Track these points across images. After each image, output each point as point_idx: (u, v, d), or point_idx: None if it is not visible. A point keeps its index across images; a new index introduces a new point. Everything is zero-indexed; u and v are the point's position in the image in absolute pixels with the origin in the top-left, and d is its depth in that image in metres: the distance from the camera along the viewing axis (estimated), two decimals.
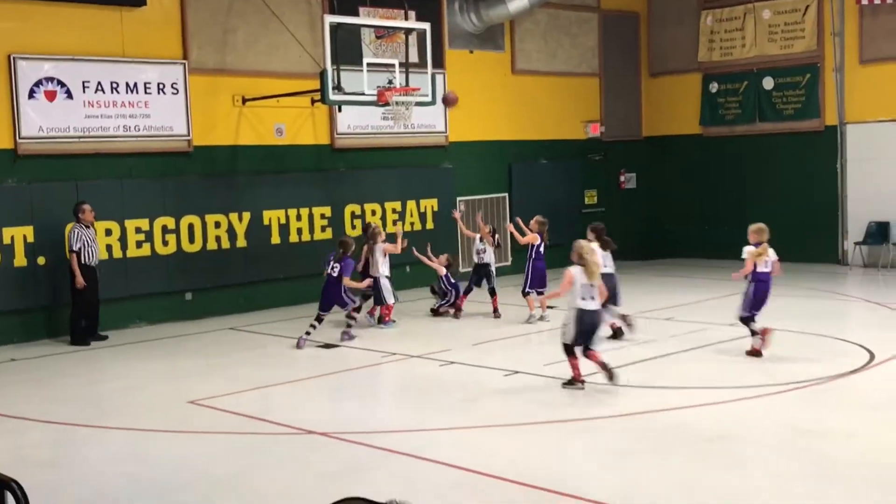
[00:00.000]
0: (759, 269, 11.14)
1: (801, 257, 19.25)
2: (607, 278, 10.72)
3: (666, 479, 7.01)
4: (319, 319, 12.78)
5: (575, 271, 9.58)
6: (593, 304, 9.61)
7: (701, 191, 21.08)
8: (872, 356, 10.72)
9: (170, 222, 14.81)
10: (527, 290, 13.85)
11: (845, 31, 18.97)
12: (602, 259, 10.82)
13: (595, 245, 10.91)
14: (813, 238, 19.53)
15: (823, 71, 19.31)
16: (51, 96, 13.68)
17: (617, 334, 12.14)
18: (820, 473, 7.01)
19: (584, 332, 9.61)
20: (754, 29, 20.15)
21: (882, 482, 6.80)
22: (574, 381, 9.72)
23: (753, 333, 10.95)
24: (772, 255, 11.24)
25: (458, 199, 18.51)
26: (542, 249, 14.02)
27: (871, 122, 18.78)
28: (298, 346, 12.48)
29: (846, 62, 19.04)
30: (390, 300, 13.65)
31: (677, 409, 8.85)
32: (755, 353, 10.91)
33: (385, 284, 13.57)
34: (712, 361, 10.97)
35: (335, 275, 12.74)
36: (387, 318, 13.75)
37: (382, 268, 13.61)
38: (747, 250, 11.25)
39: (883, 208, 18.53)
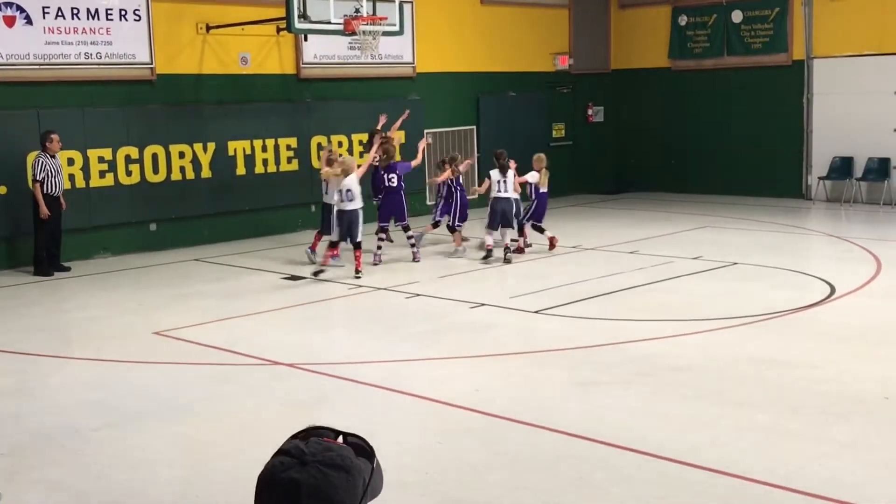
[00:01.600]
0: (541, 190, 13.66)
1: (765, 192, 19.43)
2: (504, 202, 13.12)
3: (628, 410, 7.12)
4: (385, 231, 13.32)
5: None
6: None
7: (668, 125, 21.10)
8: (833, 289, 10.88)
9: (133, 152, 14.61)
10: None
11: None
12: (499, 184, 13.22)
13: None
14: (778, 172, 19.66)
15: (792, 4, 19.25)
16: (10, 21, 13.34)
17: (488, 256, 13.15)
18: (782, 404, 7.15)
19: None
20: None
21: (844, 413, 6.95)
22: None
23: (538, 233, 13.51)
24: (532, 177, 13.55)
25: (426, 131, 18.38)
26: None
27: (838, 56, 18.80)
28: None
29: None
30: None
31: (641, 341, 8.96)
32: (520, 251, 13.49)
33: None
34: (676, 293, 11.09)
35: (395, 185, 13.14)
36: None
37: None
38: (533, 175, 13.58)
39: (847, 143, 18.65)
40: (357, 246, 12.29)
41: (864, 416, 6.87)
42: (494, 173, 13.40)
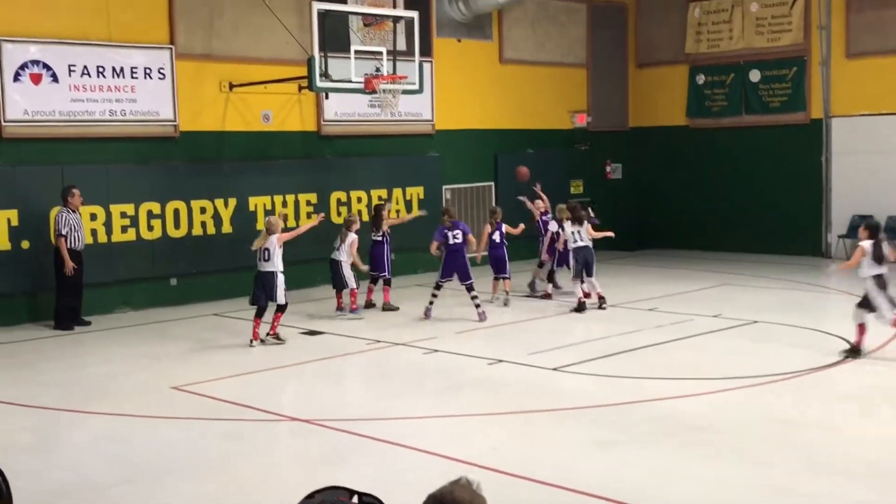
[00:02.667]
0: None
1: (784, 250, 19.38)
2: (586, 250, 13.72)
3: (649, 470, 7.06)
4: (439, 287, 13.40)
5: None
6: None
7: (686, 182, 21.15)
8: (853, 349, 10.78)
9: (155, 207, 14.77)
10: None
11: (832, 24, 19.04)
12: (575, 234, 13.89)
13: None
14: (797, 231, 19.64)
15: (810, 64, 19.38)
16: (36, 79, 13.61)
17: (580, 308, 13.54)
18: (801, 464, 7.07)
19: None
20: (742, 21, 20.20)
21: (864, 475, 6.87)
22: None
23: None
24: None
25: (445, 187, 18.53)
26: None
27: (856, 115, 18.87)
28: (425, 317, 13.19)
29: (832, 56, 19.10)
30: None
31: (660, 400, 8.91)
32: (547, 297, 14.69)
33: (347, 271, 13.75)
34: (695, 352, 11.04)
35: (459, 241, 13.31)
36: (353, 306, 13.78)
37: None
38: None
39: (866, 202, 18.62)
40: (280, 308, 12.08)
41: (883, 478, 6.79)
42: (568, 225, 13.98)
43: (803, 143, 19.49)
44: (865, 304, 10.48)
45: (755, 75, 20.11)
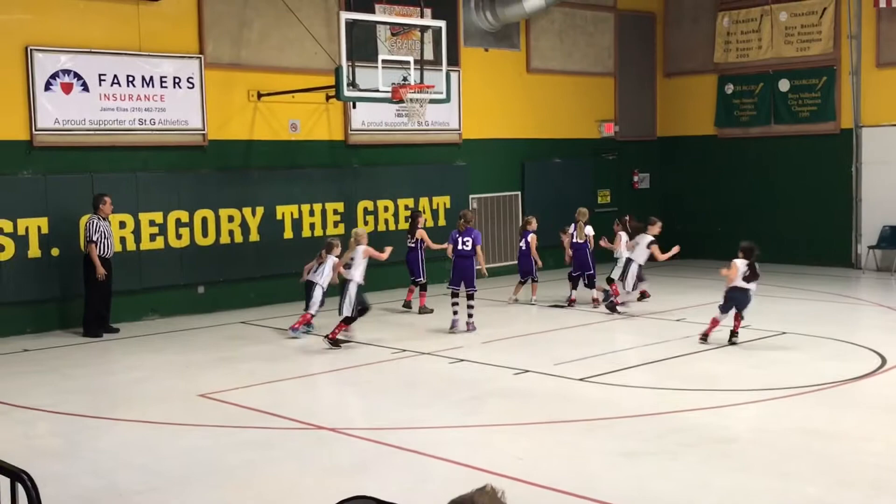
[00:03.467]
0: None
1: (814, 261, 19.22)
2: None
3: (676, 482, 7.00)
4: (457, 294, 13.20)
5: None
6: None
7: (714, 192, 21.03)
8: (884, 360, 10.68)
9: (183, 216, 14.87)
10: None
11: (862, 34, 18.89)
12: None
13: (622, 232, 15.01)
14: (826, 241, 19.46)
15: (840, 74, 19.23)
16: (67, 89, 13.74)
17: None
18: (833, 477, 6.99)
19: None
20: (770, 31, 20.08)
21: (894, 486, 6.78)
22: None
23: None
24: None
25: (471, 196, 18.52)
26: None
27: (886, 125, 18.69)
28: (455, 328, 12.98)
29: (862, 65, 18.95)
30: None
31: (689, 411, 8.84)
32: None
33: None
34: (724, 363, 10.95)
35: (468, 249, 13.14)
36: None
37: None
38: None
39: None
40: (346, 320, 12.17)
41: None
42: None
43: (833, 153, 19.33)
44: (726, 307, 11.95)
45: (784, 85, 19.98)
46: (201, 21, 14.99)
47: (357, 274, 12.21)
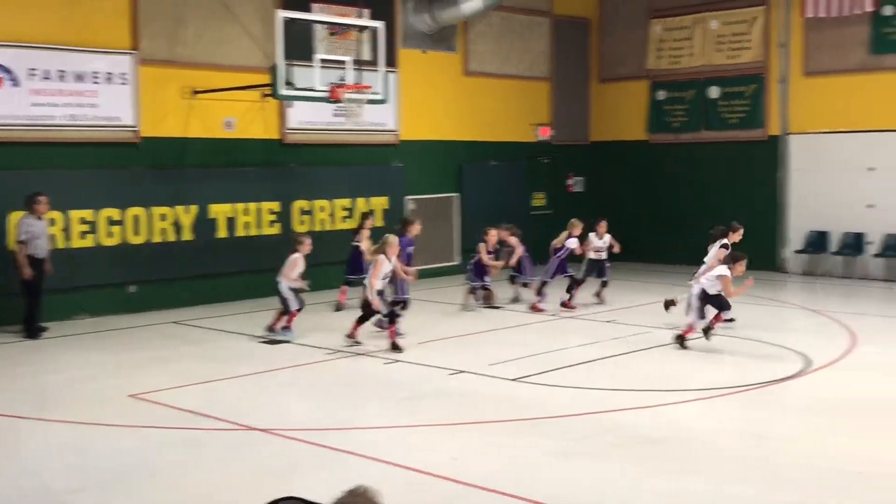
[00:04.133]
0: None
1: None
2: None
3: (607, 482, 7.12)
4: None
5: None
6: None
7: (646, 196, 21.36)
8: (810, 362, 10.97)
9: (115, 213, 14.66)
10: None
11: (791, 43, 19.36)
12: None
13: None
14: (754, 246, 19.80)
15: (769, 81, 19.69)
16: None
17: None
18: (762, 477, 7.17)
19: None
20: (702, 39, 20.47)
21: (823, 486, 6.98)
22: None
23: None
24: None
25: (408, 197, 18.56)
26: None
27: (812, 133, 19.18)
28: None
29: (790, 73, 19.43)
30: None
31: (620, 411, 8.98)
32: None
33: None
34: (653, 364, 11.14)
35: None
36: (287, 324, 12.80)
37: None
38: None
39: (822, 218, 18.96)
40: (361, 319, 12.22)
41: (842, 490, 6.90)
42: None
43: (761, 160, 19.78)
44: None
45: (715, 92, 20.39)
46: (136, 16, 14.79)
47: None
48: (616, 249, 15.58)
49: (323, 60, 14.64)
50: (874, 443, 8.01)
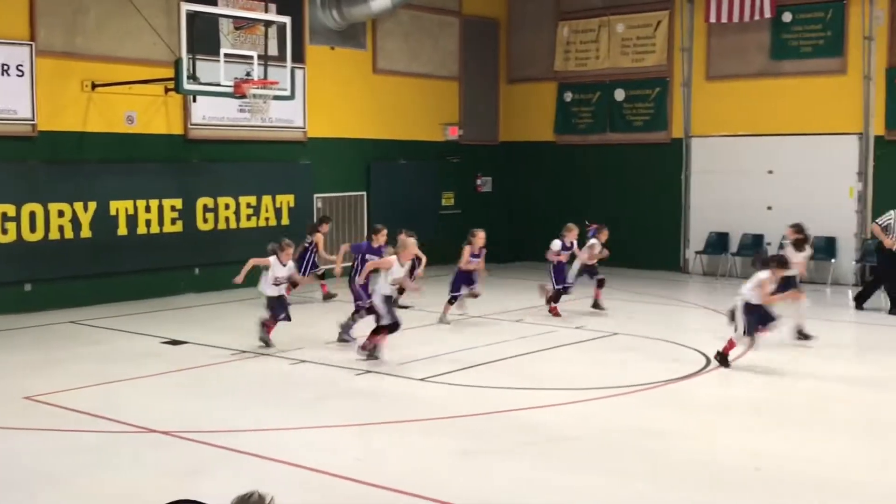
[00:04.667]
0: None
1: (646, 264, 19.98)
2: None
3: (513, 480, 7.15)
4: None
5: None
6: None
7: (554, 197, 21.58)
8: (709, 361, 11.20)
9: (10, 210, 14.16)
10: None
11: (694, 47, 19.80)
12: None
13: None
14: (657, 246, 20.28)
15: (672, 85, 20.09)
16: None
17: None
18: (660, 474, 7.28)
19: None
20: (608, 42, 20.78)
21: (719, 482, 7.12)
22: None
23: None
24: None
25: (316, 195, 18.39)
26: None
27: (714, 136, 19.65)
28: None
29: (693, 77, 19.86)
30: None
31: (525, 410, 9.04)
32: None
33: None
34: (558, 363, 11.25)
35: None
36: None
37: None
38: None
39: (723, 219, 19.44)
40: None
41: (739, 487, 7.05)
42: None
43: (665, 162, 20.18)
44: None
45: (620, 94, 20.72)
46: (33, 6, 14.31)
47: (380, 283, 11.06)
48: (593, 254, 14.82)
49: (228, 55, 14.42)
50: (771, 440, 8.22)
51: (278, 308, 11.86)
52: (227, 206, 16.91)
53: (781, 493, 6.94)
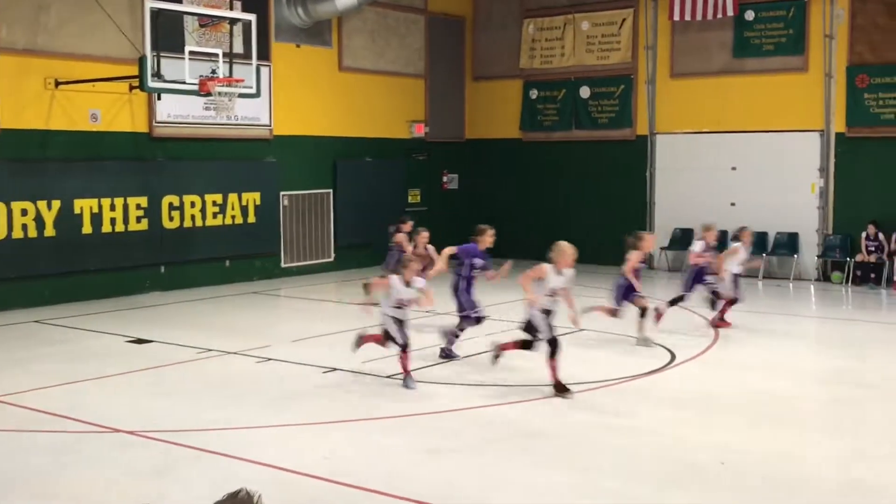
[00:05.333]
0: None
1: (610, 260, 20.05)
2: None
3: (479, 477, 7.18)
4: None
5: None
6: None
7: (521, 194, 21.67)
8: (674, 356, 11.31)
9: None
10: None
11: (658, 45, 19.95)
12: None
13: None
14: (622, 242, 20.36)
15: (636, 83, 20.23)
16: None
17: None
18: (628, 470, 7.34)
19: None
20: (573, 39, 20.89)
21: (686, 479, 7.19)
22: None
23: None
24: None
25: (282, 193, 18.34)
26: None
27: (678, 133, 19.82)
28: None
29: (658, 75, 20.01)
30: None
31: (491, 406, 9.08)
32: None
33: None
34: (524, 359, 11.28)
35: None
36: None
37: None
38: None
39: (687, 215, 19.60)
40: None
41: (704, 482, 7.14)
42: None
43: (630, 159, 20.32)
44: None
45: (585, 92, 20.84)
46: None
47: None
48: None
49: (193, 53, 14.34)
50: (736, 435, 8.32)
51: (398, 332, 9.81)
52: (192, 205, 16.82)
53: (747, 487, 7.03)
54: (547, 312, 9.58)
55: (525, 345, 9.79)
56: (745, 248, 13.44)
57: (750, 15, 18.89)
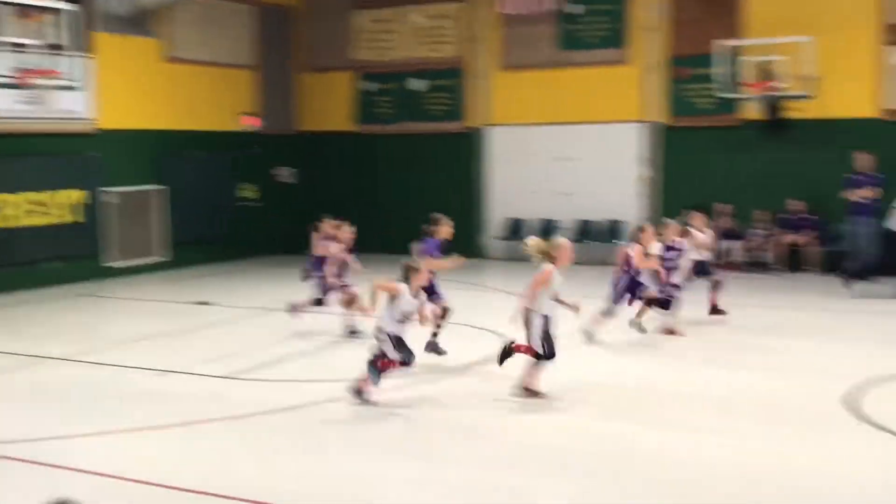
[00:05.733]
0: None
1: (452, 250, 20.28)
2: None
3: (327, 476, 7.17)
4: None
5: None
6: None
7: (359, 187, 21.62)
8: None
9: None
10: None
11: (488, 38, 20.29)
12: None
13: None
14: (460, 232, 20.60)
15: (468, 75, 20.52)
16: None
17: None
18: (477, 459, 7.47)
19: None
20: (405, 32, 20.99)
21: (573, 465, 7.37)
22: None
23: None
24: None
25: (106, 189, 17.67)
26: None
27: (509, 125, 20.23)
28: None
29: (489, 68, 20.36)
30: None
31: (331, 402, 9.06)
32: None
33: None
34: (359, 353, 11.29)
35: None
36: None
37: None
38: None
39: (518, 206, 20.10)
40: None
41: (565, 468, 7.34)
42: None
43: (463, 151, 20.62)
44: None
45: (418, 84, 20.98)
46: None
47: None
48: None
49: (9, 43, 13.67)
50: (622, 422, 8.50)
51: (403, 350, 8.91)
52: (5, 203, 15.98)
53: (632, 474, 7.27)
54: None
55: (537, 356, 9.04)
56: (705, 231, 12.91)
57: (575, 8, 19.45)
